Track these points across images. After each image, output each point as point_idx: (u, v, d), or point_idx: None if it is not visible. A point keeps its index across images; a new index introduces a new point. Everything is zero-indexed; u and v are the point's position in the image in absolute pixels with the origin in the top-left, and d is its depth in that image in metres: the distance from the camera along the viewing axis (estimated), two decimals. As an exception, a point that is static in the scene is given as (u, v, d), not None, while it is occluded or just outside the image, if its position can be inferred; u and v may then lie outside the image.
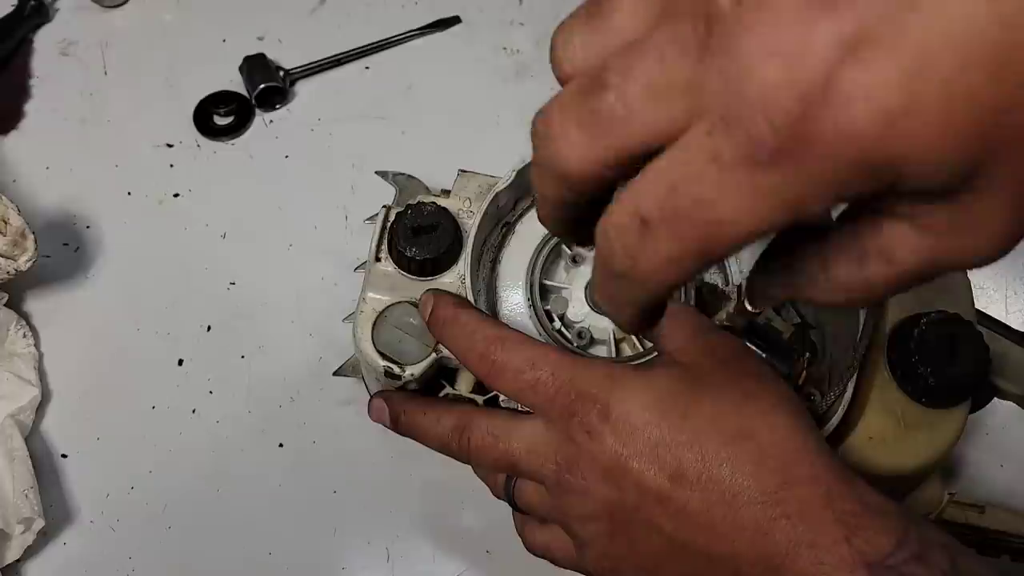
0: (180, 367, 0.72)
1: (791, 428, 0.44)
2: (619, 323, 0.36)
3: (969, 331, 0.52)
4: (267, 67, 0.83)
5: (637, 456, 0.44)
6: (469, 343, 0.50)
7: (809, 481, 0.41)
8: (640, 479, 0.44)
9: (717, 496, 0.42)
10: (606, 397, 0.45)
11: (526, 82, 0.86)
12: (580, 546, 0.48)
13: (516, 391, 0.48)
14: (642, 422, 0.44)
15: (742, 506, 0.42)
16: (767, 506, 0.41)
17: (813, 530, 0.40)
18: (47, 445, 0.68)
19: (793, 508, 0.41)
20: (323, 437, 0.69)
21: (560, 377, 0.47)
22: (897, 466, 0.53)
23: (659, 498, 0.43)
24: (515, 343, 0.49)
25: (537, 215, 0.37)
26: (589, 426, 0.45)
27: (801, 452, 0.43)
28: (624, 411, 0.45)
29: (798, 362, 0.52)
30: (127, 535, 0.65)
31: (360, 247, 0.63)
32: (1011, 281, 0.78)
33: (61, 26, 0.88)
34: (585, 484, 0.45)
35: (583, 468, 0.45)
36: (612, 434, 0.44)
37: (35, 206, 0.76)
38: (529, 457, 0.48)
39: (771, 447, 0.43)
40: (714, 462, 0.42)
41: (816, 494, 0.41)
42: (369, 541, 0.66)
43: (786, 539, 0.40)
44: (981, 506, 0.58)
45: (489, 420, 0.51)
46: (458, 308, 0.52)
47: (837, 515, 0.40)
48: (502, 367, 0.48)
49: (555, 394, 0.46)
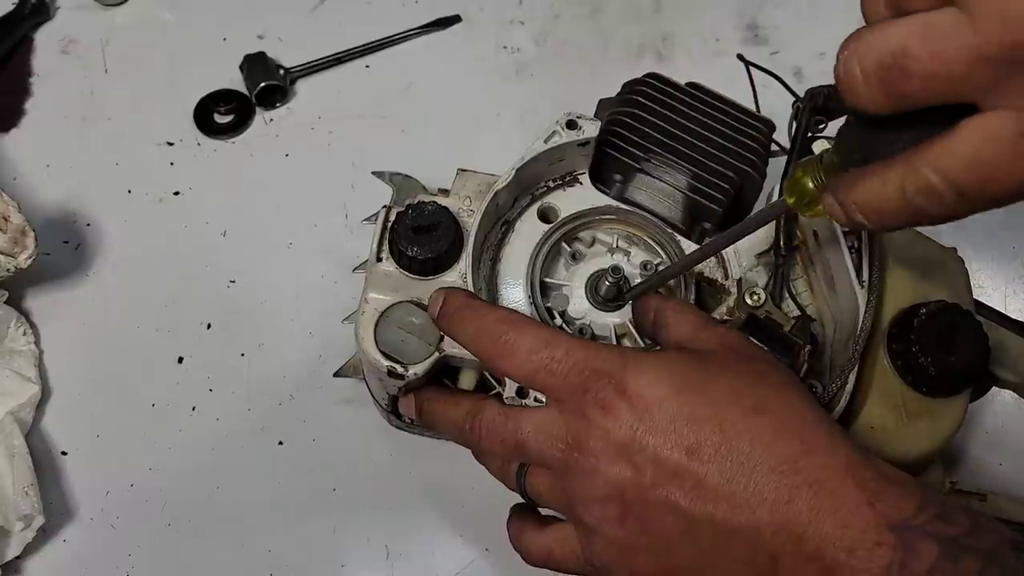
0: (180, 365, 0.72)
1: (805, 405, 0.45)
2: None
3: (968, 320, 0.53)
4: (267, 65, 0.83)
5: (653, 431, 0.43)
6: (481, 324, 0.50)
7: (827, 450, 0.42)
8: (657, 454, 0.43)
9: (736, 467, 0.42)
10: (621, 373, 0.45)
11: (526, 81, 0.86)
12: (587, 535, 0.47)
13: (529, 371, 0.48)
14: (658, 397, 0.44)
15: (762, 476, 0.42)
16: (787, 474, 0.41)
17: (835, 496, 0.40)
18: (47, 442, 0.68)
19: (814, 475, 0.41)
20: (323, 435, 0.69)
21: (574, 355, 0.47)
22: (899, 455, 0.53)
23: (676, 472, 0.43)
24: (527, 324, 0.49)
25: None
26: (604, 401, 0.45)
27: (817, 425, 0.43)
28: (640, 386, 0.44)
29: (799, 354, 0.53)
30: (127, 532, 0.65)
31: (360, 246, 0.63)
32: (1010, 281, 0.79)
33: (61, 24, 0.88)
34: (595, 463, 0.45)
35: (594, 446, 0.45)
36: (628, 409, 0.44)
37: (36, 204, 0.76)
38: (537, 438, 0.48)
39: (788, 419, 0.43)
40: (732, 434, 0.43)
41: (836, 462, 0.41)
42: (369, 539, 0.66)
43: (808, 506, 0.40)
44: (983, 494, 0.58)
45: (499, 405, 0.51)
46: (470, 297, 0.53)
47: (858, 481, 0.40)
48: (514, 347, 0.48)
49: (569, 371, 0.46)
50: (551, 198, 0.62)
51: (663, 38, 0.89)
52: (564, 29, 0.90)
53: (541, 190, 0.62)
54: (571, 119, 0.59)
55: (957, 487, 0.58)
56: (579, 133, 0.59)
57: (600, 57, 0.88)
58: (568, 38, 0.89)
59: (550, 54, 0.88)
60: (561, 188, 0.62)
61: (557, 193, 0.62)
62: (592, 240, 0.62)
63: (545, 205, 0.62)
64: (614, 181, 0.62)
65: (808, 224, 0.59)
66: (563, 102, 0.63)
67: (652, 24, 0.90)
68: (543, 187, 0.62)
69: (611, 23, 0.90)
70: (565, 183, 0.62)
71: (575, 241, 0.61)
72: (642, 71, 0.66)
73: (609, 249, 0.61)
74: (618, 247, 0.61)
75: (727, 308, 0.58)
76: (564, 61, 0.88)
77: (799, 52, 0.87)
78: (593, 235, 0.62)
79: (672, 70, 0.66)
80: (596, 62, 0.88)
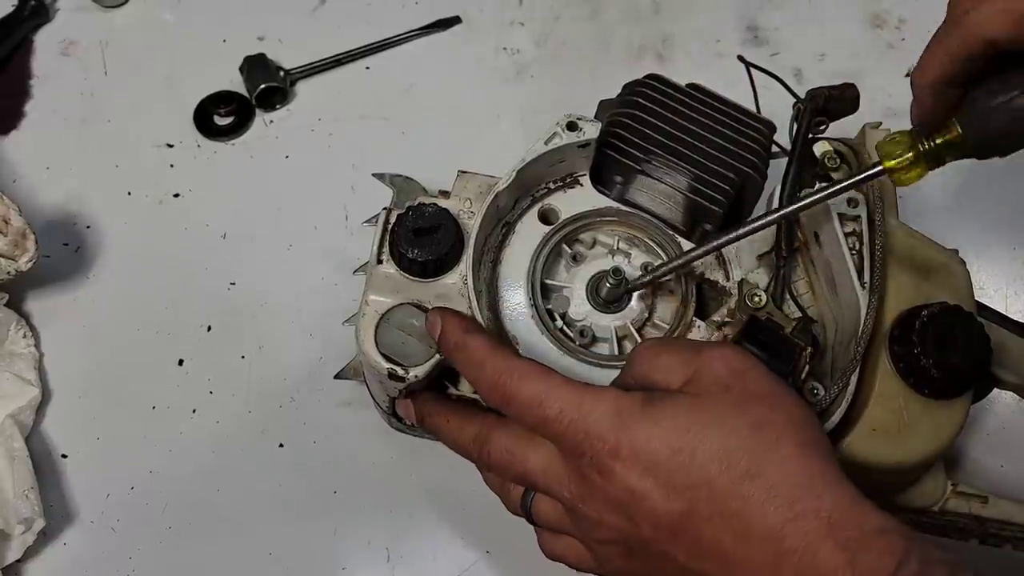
0: (180, 367, 0.72)
1: (800, 458, 0.44)
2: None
3: (970, 322, 0.53)
4: (267, 67, 0.83)
5: (649, 495, 0.45)
6: (479, 373, 0.50)
7: (814, 513, 0.42)
8: (653, 515, 0.45)
9: (728, 531, 0.43)
10: (615, 436, 0.46)
11: (526, 82, 0.86)
12: (598, 559, 0.50)
13: (527, 424, 0.49)
14: (652, 462, 0.45)
15: (752, 542, 0.43)
16: (775, 541, 0.42)
17: (817, 560, 0.41)
18: (47, 445, 0.68)
19: (799, 541, 0.42)
20: (323, 437, 0.69)
21: (568, 415, 0.47)
22: (901, 458, 0.53)
23: (672, 532, 0.45)
24: (523, 376, 0.49)
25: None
26: (599, 465, 0.46)
27: (808, 486, 0.44)
28: (633, 450, 0.45)
29: (800, 356, 0.53)
30: (127, 535, 0.65)
31: (360, 247, 0.63)
32: (1011, 281, 0.79)
33: (61, 26, 0.88)
34: (599, 516, 0.47)
35: (596, 502, 0.47)
36: (623, 473, 0.45)
37: (36, 206, 0.76)
38: (546, 478, 0.49)
39: (780, 483, 0.43)
40: (725, 500, 0.43)
41: (819, 525, 0.42)
42: (369, 541, 0.66)
43: (794, 571, 0.42)
44: (984, 496, 0.58)
45: (507, 436, 0.51)
46: (466, 334, 0.52)
47: (839, 542, 0.41)
48: (511, 399, 0.49)
49: (564, 431, 0.47)
50: (552, 200, 0.62)
51: (663, 39, 0.89)
52: (564, 30, 0.89)
53: (542, 192, 0.62)
54: (571, 120, 0.59)
55: (958, 489, 0.58)
56: (579, 134, 0.59)
57: (600, 58, 0.88)
58: (568, 39, 0.89)
59: (550, 55, 0.88)
60: (562, 190, 0.62)
61: (558, 195, 0.62)
62: (593, 242, 0.62)
63: (546, 207, 0.61)
64: (615, 182, 0.62)
65: (809, 226, 0.59)
66: (563, 103, 0.63)
67: (652, 25, 0.90)
68: (544, 189, 0.62)
69: (611, 24, 0.90)
70: (566, 185, 0.62)
71: (576, 243, 0.61)
72: (642, 72, 0.66)
73: (610, 251, 0.61)
74: (619, 249, 0.61)
75: (728, 310, 0.58)
76: (564, 62, 0.88)
77: (799, 53, 0.87)
78: (594, 237, 0.62)
79: (672, 71, 0.66)
80: (596, 63, 0.88)
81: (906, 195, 0.76)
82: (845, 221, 0.57)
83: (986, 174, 0.81)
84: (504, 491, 0.54)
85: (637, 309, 0.59)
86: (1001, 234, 0.80)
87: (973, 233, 0.79)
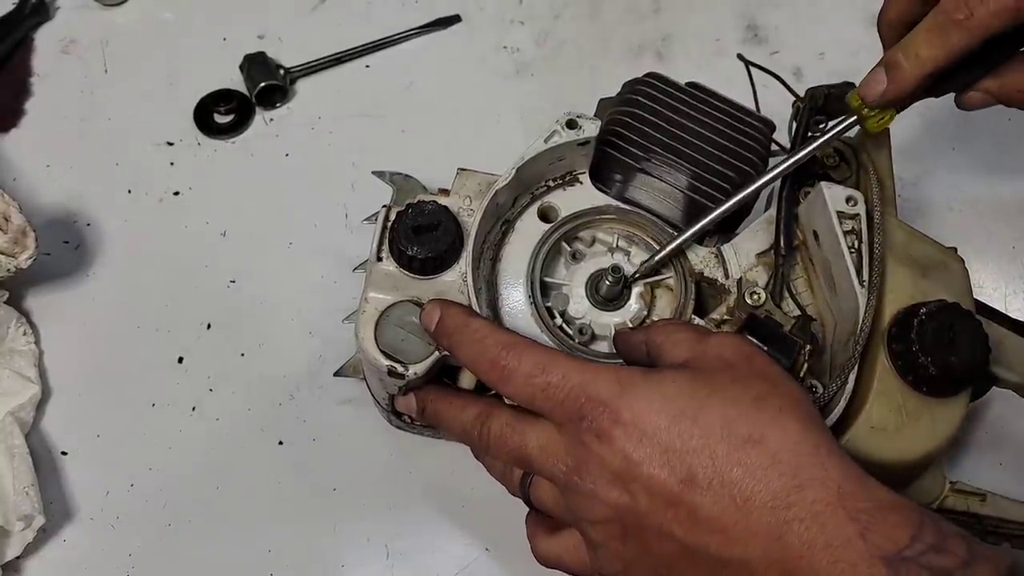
0: (180, 365, 0.72)
1: (802, 430, 0.44)
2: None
3: (968, 320, 0.53)
4: (267, 65, 0.83)
5: (647, 461, 0.44)
6: (480, 348, 0.50)
7: (820, 483, 0.42)
8: (651, 483, 0.44)
9: (729, 501, 0.42)
10: (616, 402, 0.45)
11: (526, 80, 0.86)
12: (593, 547, 0.48)
13: (527, 396, 0.48)
14: (652, 427, 0.44)
15: (754, 511, 0.42)
16: (779, 510, 0.41)
17: (826, 530, 0.40)
18: (47, 442, 0.68)
19: (805, 511, 0.41)
20: (323, 435, 0.69)
21: (570, 380, 0.47)
22: (900, 456, 0.53)
23: (670, 502, 0.43)
24: (525, 348, 0.49)
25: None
26: (599, 430, 0.45)
27: (812, 455, 0.43)
28: (634, 416, 0.45)
29: (799, 354, 0.53)
30: (127, 532, 0.66)
31: (360, 246, 0.63)
32: (1011, 281, 0.79)
33: (61, 24, 0.88)
34: (595, 488, 0.46)
35: (593, 472, 0.46)
36: (622, 438, 0.44)
37: (36, 204, 0.76)
38: (542, 455, 0.48)
39: (782, 451, 0.43)
40: (725, 467, 0.42)
41: (828, 495, 0.41)
42: (368, 538, 0.66)
43: (799, 542, 0.40)
44: (983, 494, 0.58)
45: (508, 413, 0.51)
46: (468, 316, 0.52)
47: (850, 513, 0.40)
48: (513, 372, 0.48)
49: (565, 398, 0.47)
50: (551, 197, 0.62)
51: (663, 38, 0.89)
52: (564, 29, 0.90)
53: (541, 189, 0.62)
54: (571, 119, 0.59)
55: (957, 487, 0.58)
56: (579, 133, 0.59)
57: (600, 57, 0.88)
58: (568, 38, 0.89)
59: (550, 54, 0.88)
60: (561, 187, 0.62)
61: (557, 192, 0.62)
62: (592, 240, 0.62)
63: (545, 204, 0.62)
64: (614, 180, 0.62)
65: (808, 224, 0.59)
66: (563, 102, 0.63)
67: (652, 24, 0.90)
68: (543, 186, 0.62)
69: (611, 23, 0.90)
70: (565, 183, 0.62)
71: (575, 241, 0.61)
72: (642, 71, 0.66)
73: (609, 248, 0.61)
74: (618, 246, 0.61)
75: (727, 308, 0.58)
76: (564, 61, 0.88)
77: (799, 52, 0.87)
78: (593, 235, 0.62)
79: (672, 70, 0.66)
80: (596, 62, 0.88)
81: (906, 193, 0.76)
82: (844, 219, 0.57)
83: (986, 173, 0.81)
84: (505, 476, 0.54)
85: (636, 307, 0.59)
86: (1000, 233, 0.80)
87: (972, 231, 0.79)
